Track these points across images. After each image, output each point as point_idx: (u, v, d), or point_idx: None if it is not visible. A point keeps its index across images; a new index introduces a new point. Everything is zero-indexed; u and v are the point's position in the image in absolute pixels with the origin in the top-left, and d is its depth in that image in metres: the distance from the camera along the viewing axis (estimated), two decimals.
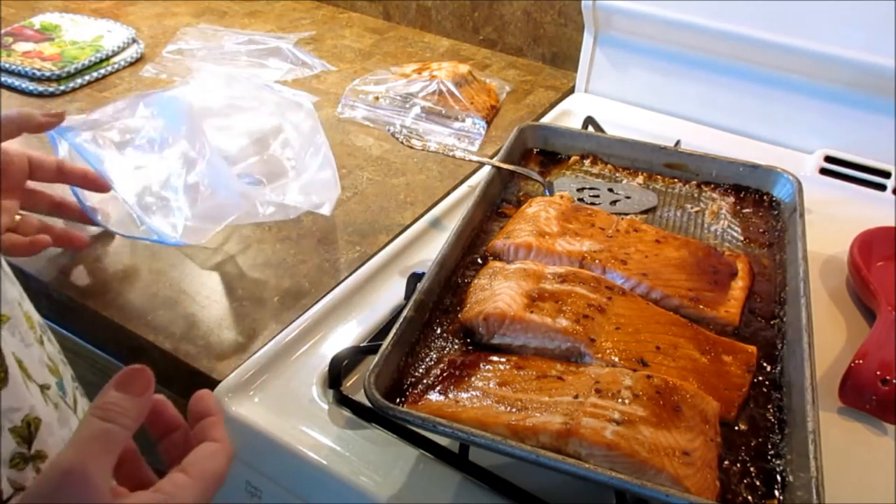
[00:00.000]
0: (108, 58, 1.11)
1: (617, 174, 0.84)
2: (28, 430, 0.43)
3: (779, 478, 0.50)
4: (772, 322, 0.64)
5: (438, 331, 0.61)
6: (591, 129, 0.95)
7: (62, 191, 0.73)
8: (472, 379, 0.54)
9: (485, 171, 0.79)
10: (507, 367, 0.55)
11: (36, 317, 0.52)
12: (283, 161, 0.81)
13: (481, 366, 0.56)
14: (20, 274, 0.74)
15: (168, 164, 0.74)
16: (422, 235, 0.81)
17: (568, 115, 1.07)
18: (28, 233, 0.68)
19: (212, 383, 0.63)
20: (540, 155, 0.87)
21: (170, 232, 0.70)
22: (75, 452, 0.34)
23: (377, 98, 1.05)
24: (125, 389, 0.37)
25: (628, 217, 0.74)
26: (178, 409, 0.61)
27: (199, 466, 0.39)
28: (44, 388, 0.47)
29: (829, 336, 0.70)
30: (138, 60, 1.15)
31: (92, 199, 0.75)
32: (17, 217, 0.68)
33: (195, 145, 0.73)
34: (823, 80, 0.95)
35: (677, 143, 0.94)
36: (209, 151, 0.73)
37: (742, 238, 0.75)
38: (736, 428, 0.53)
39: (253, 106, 0.84)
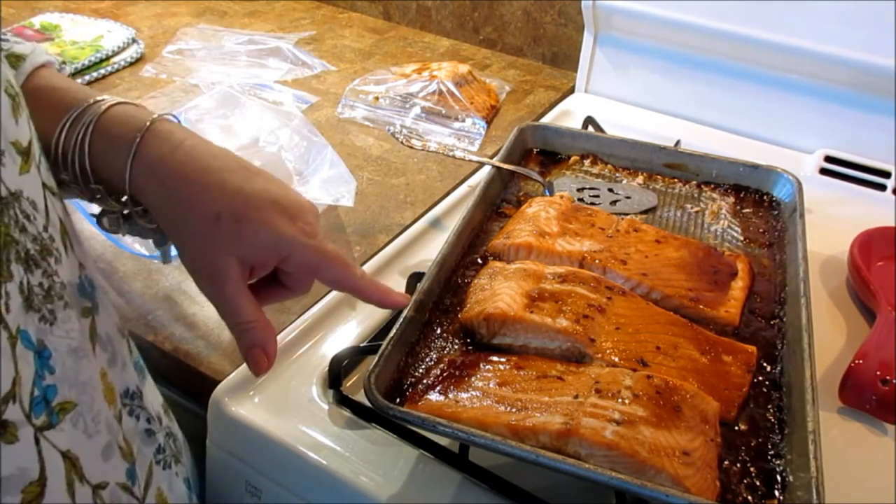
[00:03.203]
0: (108, 58, 1.12)
1: (617, 174, 0.84)
2: None
3: (779, 478, 0.50)
4: (772, 322, 0.64)
5: (438, 331, 0.61)
6: (591, 129, 0.95)
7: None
8: (472, 379, 0.54)
9: (485, 171, 0.79)
10: (507, 367, 0.55)
11: (122, 386, 0.46)
12: (286, 165, 0.81)
13: (481, 366, 0.56)
14: None
15: None
16: (422, 235, 0.81)
17: (568, 115, 1.07)
18: None
19: (212, 383, 0.63)
20: (540, 155, 0.87)
21: None
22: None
23: (377, 98, 1.05)
24: None
25: (628, 217, 0.74)
26: (178, 412, 0.61)
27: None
28: (98, 487, 0.41)
29: (829, 336, 0.70)
30: (138, 60, 1.15)
31: None
32: None
33: None
34: (823, 80, 0.95)
35: (677, 143, 0.94)
36: None
37: (742, 238, 0.75)
38: (736, 428, 0.53)
39: (246, 122, 0.85)
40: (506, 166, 0.80)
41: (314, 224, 0.49)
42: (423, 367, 0.57)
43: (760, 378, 0.58)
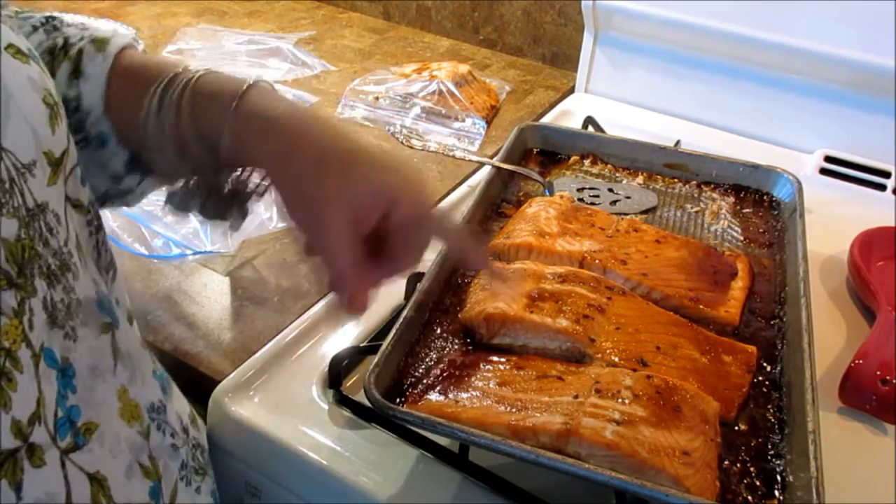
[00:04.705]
0: None
1: (617, 174, 0.84)
2: None
3: (779, 478, 0.50)
4: (772, 322, 0.64)
5: (438, 331, 0.61)
6: (591, 129, 0.95)
7: None
8: (472, 379, 0.54)
9: (485, 171, 0.79)
10: (507, 367, 0.55)
11: (147, 401, 0.45)
12: None
13: (481, 366, 0.56)
14: None
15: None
16: None
17: (568, 115, 1.07)
18: None
19: (212, 383, 0.63)
20: (540, 155, 0.87)
21: (199, 245, 0.73)
22: None
23: (377, 98, 1.05)
24: None
25: (628, 217, 0.74)
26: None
27: None
28: None
29: (829, 336, 0.70)
30: None
31: (111, 223, 0.76)
32: None
33: None
34: (823, 80, 0.95)
35: (677, 143, 0.94)
36: None
37: (742, 238, 0.75)
38: (736, 428, 0.53)
39: None
40: (506, 166, 0.80)
41: (418, 178, 0.46)
42: (423, 367, 0.57)
43: (760, 378, 0.58)
